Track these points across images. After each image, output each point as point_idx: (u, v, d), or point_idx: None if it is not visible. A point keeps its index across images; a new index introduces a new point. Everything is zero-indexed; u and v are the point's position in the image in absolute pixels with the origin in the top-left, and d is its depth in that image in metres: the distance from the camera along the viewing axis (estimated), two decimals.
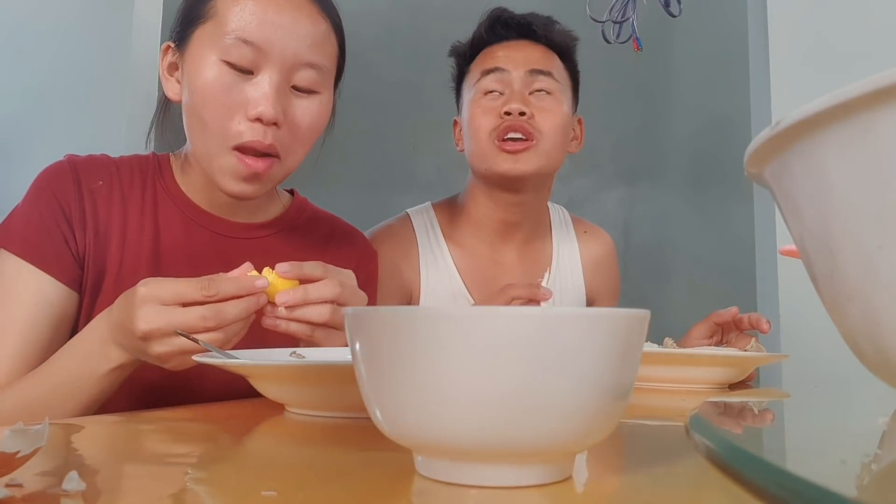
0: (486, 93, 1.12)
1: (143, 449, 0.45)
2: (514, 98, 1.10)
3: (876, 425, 0.37)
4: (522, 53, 1.13)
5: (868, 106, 0.22)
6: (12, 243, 0.74)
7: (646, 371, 0.78)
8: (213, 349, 0.62)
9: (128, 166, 0.82)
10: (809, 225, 0.27)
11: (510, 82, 1.11)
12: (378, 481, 0.31)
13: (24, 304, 0.72)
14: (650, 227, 2.40)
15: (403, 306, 0.44)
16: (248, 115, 0.73)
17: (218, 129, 0.73)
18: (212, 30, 0.74)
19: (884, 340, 0.25)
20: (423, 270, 1.16)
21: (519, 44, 1.14)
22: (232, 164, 0.74)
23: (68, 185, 0.77)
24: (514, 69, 1.12)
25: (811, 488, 0.19)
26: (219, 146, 0.74)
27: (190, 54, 0.76)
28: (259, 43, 0.73)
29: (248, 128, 0.73)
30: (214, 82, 0.73)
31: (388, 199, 2.06)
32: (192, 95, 0.74)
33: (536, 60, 1.13)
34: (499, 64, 1.12)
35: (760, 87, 1.78)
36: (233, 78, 0.73)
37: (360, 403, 0.32)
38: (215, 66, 0.73)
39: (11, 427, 0.27)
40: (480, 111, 1.12)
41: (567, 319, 0.28)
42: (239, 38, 0.73)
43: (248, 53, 0.73)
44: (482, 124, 1.11)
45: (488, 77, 1.12)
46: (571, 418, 0.28)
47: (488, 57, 1.15)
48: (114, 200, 0.79)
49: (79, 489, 0.28)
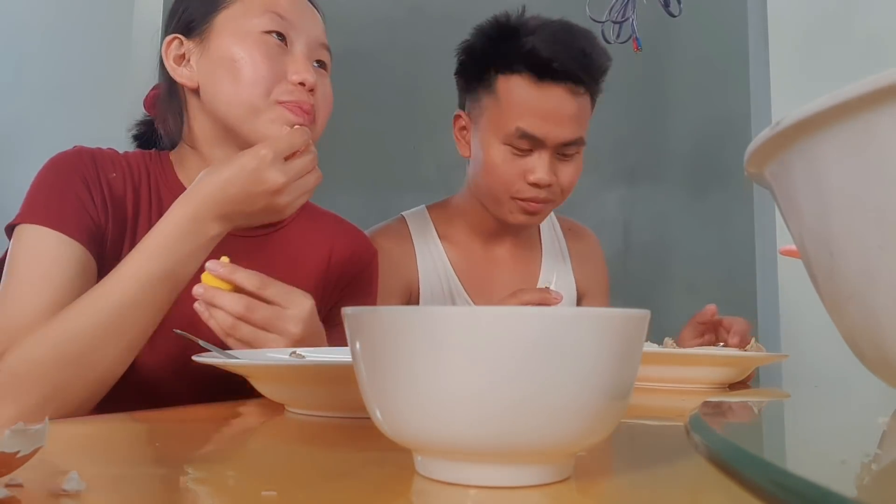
0: (515, 149, 1.06)
1: (143, 449, 0.45)
2: (544, 169, 1.05)
3: (876, 425, 0.37)
4: (562, 123, 1.05)
5: (868, 106, 0.22)
6: (33, 216, 0.73)
7: (646, 371, 0.79)
8: (214, 349, 0.62)
9: (135, 160, 0.83)
10: (809, 225, 0.27)
11: (542, 148, 1.06)
12: (378, 481, 0.31)
13: (50, 263, 0.71)
14: (650, 227, 2.40)
15: (403, 306, 0.44)
16: (290, 80, 0.79)
17: (264, 87, 0.77)
18: (241, 10, 0.79)
19: (883, 340, 0.25)
20: (421, 270, 1.16)
21: (561, 101, 1.05)
22: (279, 112, 0.78)
23: (88, 167, 0.77)
24: (550, 140, 1.05)
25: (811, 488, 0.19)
26: (262, 99, 0.78)
27: (217, 36, 0.79)
28: (291, 18, 0.80)
29: (293, 89, 0.79)
30: (258, 47, 0.78)
31: (389, 199, 2.06)
32: (231, 62, 0.77)
33: (574, 129, 1.06)
34: (536, 133, 1.04)
35: (760, 87, 1.78)
36: (273, 46, 0.79)
37: (360, 403, 0.32)
38: (255, 35, 0.78)
39: (11, 427, 0.27)
40: (506, 167, 1.07)
41: (567, 319, 0.28)
42: (274, 12, 0.79)
43: (283, 25, 0.79)
44: (505, 181, 1.07)
45: (522, 140, 1.05)
46: (571, 418, 0.28)
47: (526, 112, 1.05)
48: (126, 193, 0.80)
49: (79, 489, 0.28)
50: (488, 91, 1.09)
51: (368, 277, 0.95)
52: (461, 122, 1.17)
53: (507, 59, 1.06)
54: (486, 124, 1.09)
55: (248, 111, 0.78)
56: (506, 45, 1.07)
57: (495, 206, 1.12)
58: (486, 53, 1.09)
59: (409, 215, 1.23)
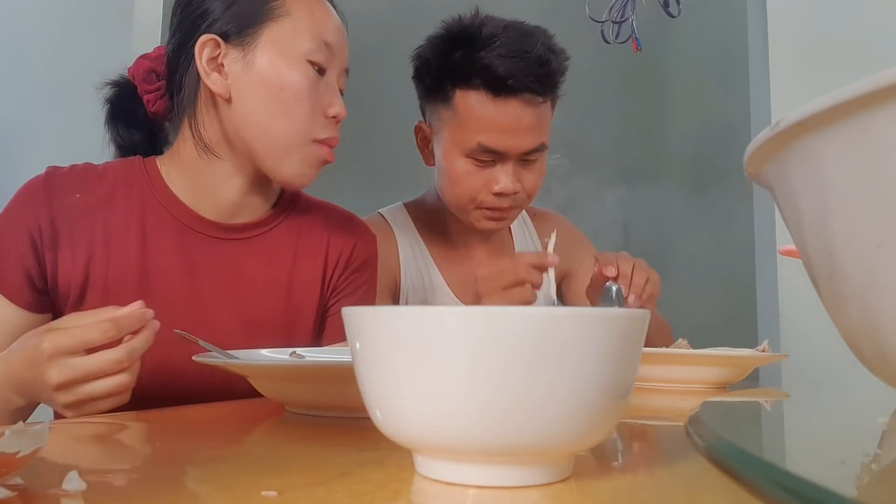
0: (477, 161, 1.06)
1: (143, 449, 0.45)
2: (507, 178, 1.05)
3: (876, 425, 0.37)
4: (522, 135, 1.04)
5: (867, 106, 0.22)
6: None
7: (646, 371, 0.79)
8: (214, 349, 0.62)
9: (112, 174, 0.81)
10: (809, 225, 0.27)
11: (505, 160, 1.06)
12: (378, 481, 0.31)
13: None
14: (650, 227, 2.40)
15: (404, 306, 0.44)
16: (326, 114, 0.80)
17: (305, 125, 0.78)
18: (288, 28, 0.78)
19: (883, 340, 0.25)
20: (403, 265, 1.17)
21: (520, 114, 1.03)
22: (314, 153, 0.80)
23: (39, 208, 0.76)
24: (512, 152, 1.05)
25: (811, 488, 0.19)
26: (303, 140, 0.79)
27: (262, 51, 0.77)
28: (333, 46, 0.80)
29: (327, 123, 0.80)
30: (306, 81, 0.78)
31: (389, 199, 2.05)
32: (279, 91, 0.77)
33: (534, 138, 1.05)
34: (497, 147, 1.04)
35: (760, 87, 1.78)
36: (316, 77, 0.79)
37: (360, 403, 0.32)
38: (303, 66, 0.78)
39: (11, 427, 0.27)
40: (469, 179, 1.07)
41: (567, 319, 0.28)
42: (322, 39, 0.79)
43: (326, 55, 0.79)
44: (469, 193, 1.07)
45: (484, 153, 1.05)
46: (571, 418, 0.28)
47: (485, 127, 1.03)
48: (94, 212, 0.78)
49: (79, 489, 0.28)
50: (447, 105, 1.08)
51: (368, 261, 0.94)
52: (422, 133, 1.16)
53: (464, 73, 1.04)
54: (447, 137, 1.08)
55: (284, 148, 0.78)
56: (461, 59, 1.05)
57: (462, 215, 1.12)
58: (442, 67, 1.08)
59: (387, 212, 1.24)
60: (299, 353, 0.66)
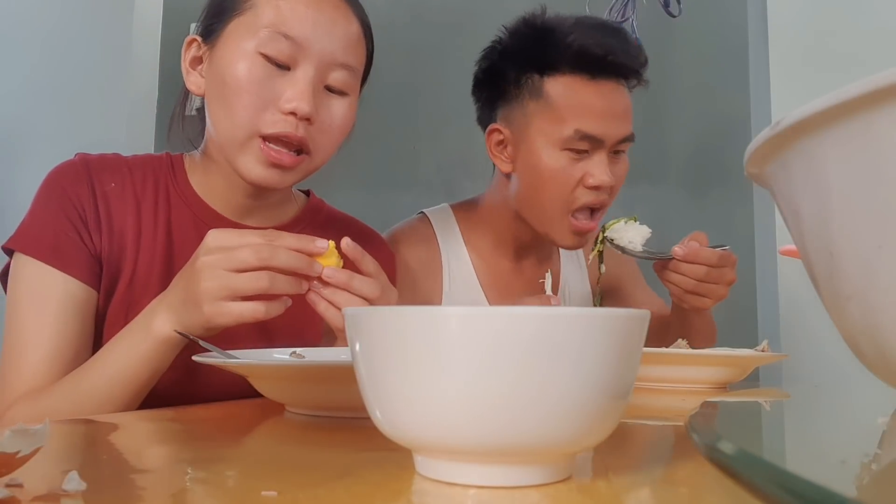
0: (573, 152, 1.00)
1: (143, 449, 0.45)
2: (604, 170, 1.00)
3: (876, 425, 0.37)
4: (619, 119, 1.01)
5: (867, 106, 0.22)
6: (32, 247, 0.73)
7: (646, 371, 0.79)
8: (214, 349, 0.62)
9: (140, 167, 0.81)
10: (809, 225, 0.27)
11: (600, 149, 1.01)
12: (378, 481, 0.31)
13: (52, 306, 0.72)
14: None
15: (404, 307, 0.44)
16: (281, 109, 0.73)
17: (248, 119, 0.73)
18: (249, 21, 0.75)
19: (884, 340, 0.25)
20: (446, 275, 1.11)
21: (616, 97, 1.01)
22: (256, 150, 0.74)
23: (81, 186, 0.76)
24: (610, 138, 1.01)
25: (811, 488, 0.19)
26: (246, 134, 0.74)
27: (222, 45, 0.75)
28: (299, 38, 0.74)
29: (280, 119, 0.73)
30: (249, 73, 0.73)
31: (389, 199, 2.06)
32: (223, 84, 0.74)
33: (628, 124, 1.03)
34: (597, 133, 0.99)
35: (760, 87, 1.78)
36: (268, 71, 0.73)
37: (360, 403, 0.32)
38: (250, 57, 0.73)
39: (11, 427, 0.27)
40: (565, 174, 1.00)
41: (567, 319, 0.28)
42: (279, 31, 0.73)
43: (286, 48, 0.73)
44: (565, 190, 1.01)
45: (582, 141, 0.99)
46: (571, 418, 0.28)
47: (583, 112, 0.99)
48: (127, 202, 0.78)
49: (79, 489, 0.28)
50: (535, 97, 1.02)
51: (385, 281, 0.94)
52: (498, 136, 1.07)
53: (551, 60, 1.01)
54: (536, 132, 1.02)
55: (230, 143, 0.75)
56: (547, 46, 1.01)
57: (547, 226, 1.05)
58: (525, 56, 1.03)
59: (433, 214, 1.16)
60: (299, 353, 0.66)
